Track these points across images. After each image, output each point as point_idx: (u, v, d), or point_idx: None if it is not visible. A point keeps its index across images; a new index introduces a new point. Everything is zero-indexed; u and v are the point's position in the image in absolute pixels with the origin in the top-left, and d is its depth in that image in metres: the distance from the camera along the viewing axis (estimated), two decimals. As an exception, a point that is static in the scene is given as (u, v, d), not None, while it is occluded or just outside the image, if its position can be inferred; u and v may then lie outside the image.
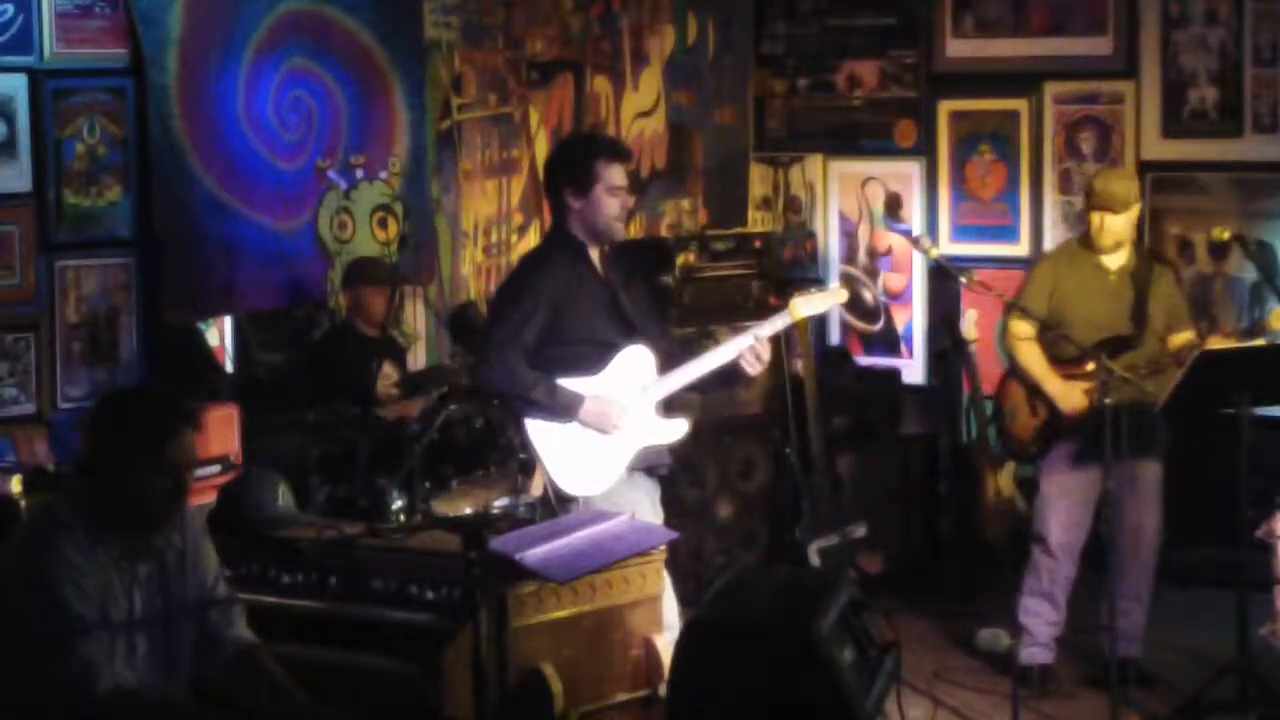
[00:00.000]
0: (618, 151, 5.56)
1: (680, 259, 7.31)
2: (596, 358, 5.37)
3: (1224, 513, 5.75)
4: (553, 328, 5.33)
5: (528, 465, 5.27)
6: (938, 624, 7.04)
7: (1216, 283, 7.71)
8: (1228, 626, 5.82)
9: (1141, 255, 6.36)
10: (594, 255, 5.47)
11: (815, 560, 6.86)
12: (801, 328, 6.71)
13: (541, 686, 4.60)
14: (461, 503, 5.14)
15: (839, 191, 8.66)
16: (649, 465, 5.49)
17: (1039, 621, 6.29)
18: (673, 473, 5.74)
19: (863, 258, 8.63)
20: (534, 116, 7.59)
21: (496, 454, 5.36)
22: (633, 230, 7.69)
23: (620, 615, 4.90)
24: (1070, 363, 6.22)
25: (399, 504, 5.09)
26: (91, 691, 3.82)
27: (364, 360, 6.28)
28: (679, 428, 5.49)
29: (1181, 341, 6.16)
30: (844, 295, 5.91)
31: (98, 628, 3.85)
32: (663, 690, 4.75)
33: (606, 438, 5.33)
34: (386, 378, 6.34)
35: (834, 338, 8.68)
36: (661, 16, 8.23)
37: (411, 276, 6.89)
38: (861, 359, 8.44)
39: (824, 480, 7.09)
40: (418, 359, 7.10)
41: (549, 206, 5.61)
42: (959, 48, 8.28)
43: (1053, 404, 6.23)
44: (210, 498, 5.15)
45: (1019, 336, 6.32)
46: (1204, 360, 5.68)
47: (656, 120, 8.24)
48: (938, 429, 7.88)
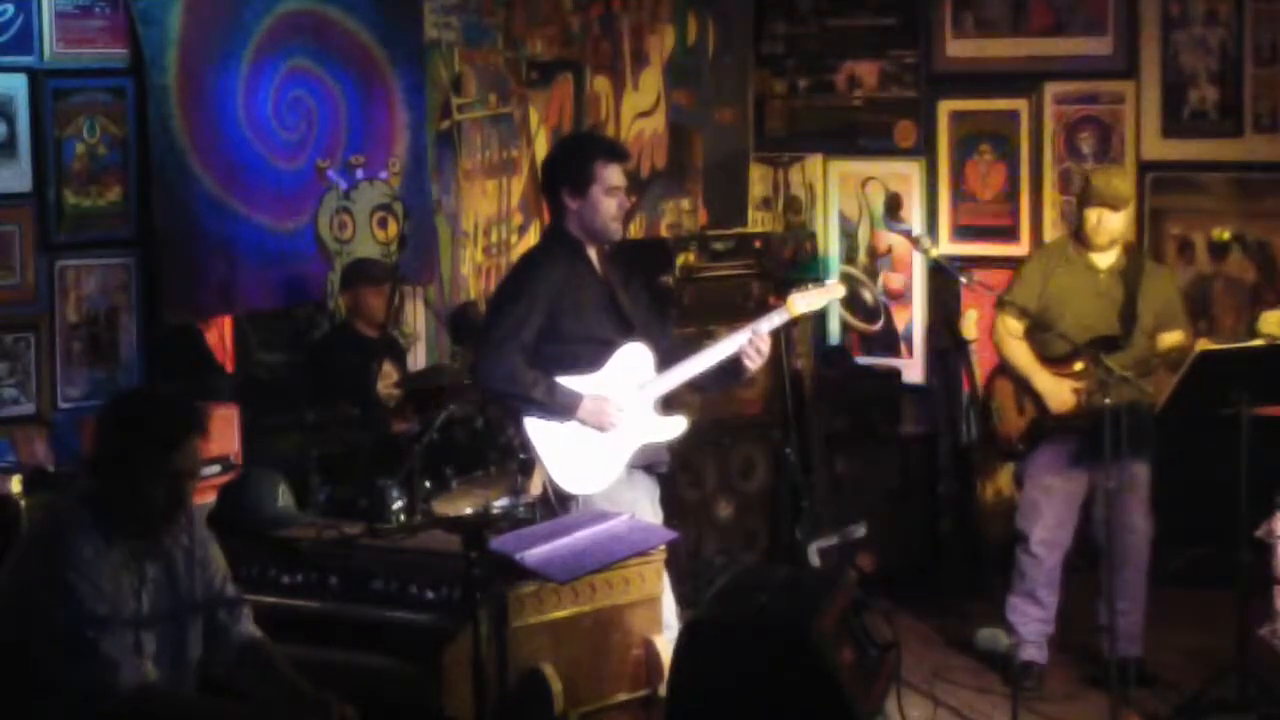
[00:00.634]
0: (616, 152, 5.56)
1: (680, 259, 7.30)
2: (595, 356, 5.37)
3: (1224, 513, 5.75)
4: (551, 326, 5.33)
5: (527, 465, 5.26)
6: (938, 624, 7.05)
7: (1216, 283, 7.70)
8: (1228, 626, 5.83)
9: (1132, 255, 6.36)
10: (592, 254, 5.47)
11: (815, 560, 6.86)
12: (801, 327, 6.71)
13: (541, 686, 4.60)
14: (461, 503, 5.14)
15: (839, 191, 8.66)
16: (648, 463, 5.49)
17: (1026, 620, 6.31)
18: (672, 472, 5.74)
19: (863, 258, 8.63)
20: (534, 116, 7.59)
21: (496, 454, 5.36)
22: (633, 230, 7.70)
23: (620, 615, 4.90)
24: (1059, 362, 6.22)
25: (399, 504, 5.09)
26: (114, 689, 3.83)
27: (364, 360, 6.28)
28: (678, 425, 5.49)
29: (1170, 343, 6.15)
30: (841, 290, 5.91)
31: (116, 626, 3.85)
32: (663, 690, 4.75)
33: (606, 436, 5.33)
34: (386, 377, 6.34)
35: (834, 337, 8.68)
36: (661, 16, 8.23)
37: (411, 276, 6.90)
38: (861, 359, 8.44)
39: (824, 480, 7.09)
40: (418, 359, 7.09)
41: (547, 205, 5.61)
42: (959, 47, 8.27)
43: (1041, 402, 6.23)
44: (210, 498, 5.15)
45: (1009, 334, 6.31)
46: (1204, 360, 5.68)
47: (656, 120, 8.24)
48: (938, 429, 7.88)
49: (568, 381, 5.31)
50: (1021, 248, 8.09)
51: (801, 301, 5.57)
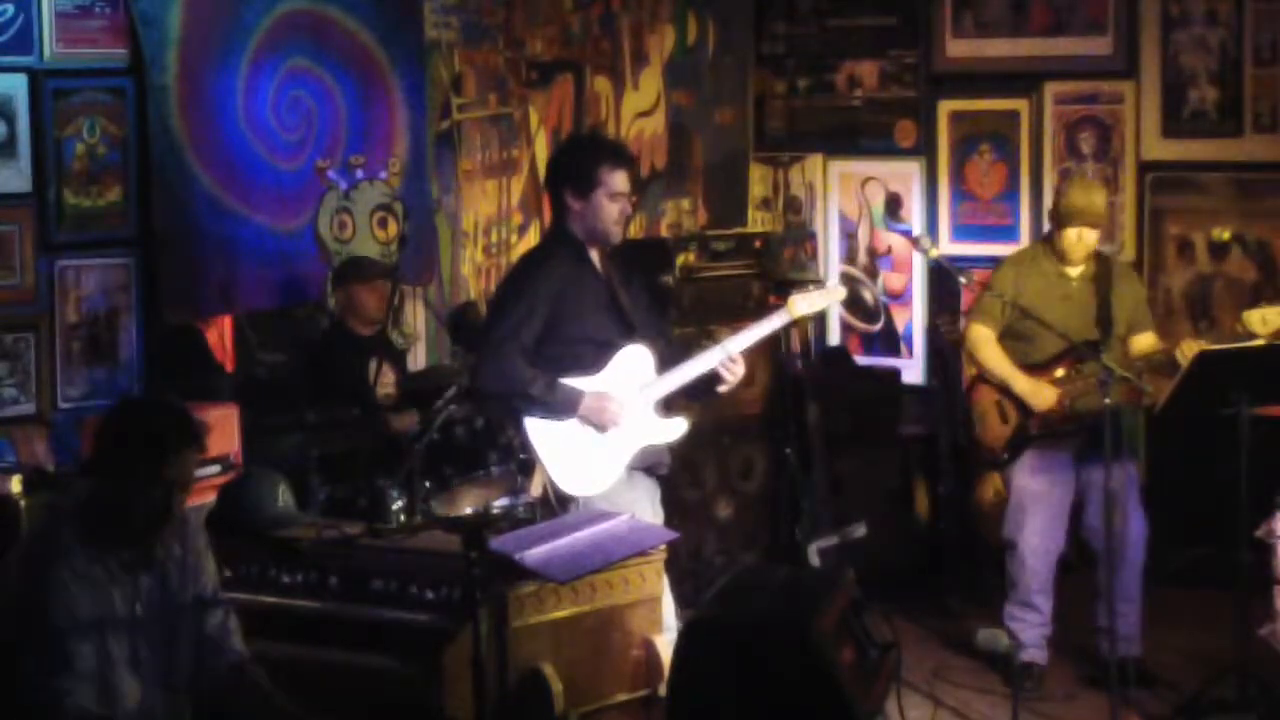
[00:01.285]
0: (622, 157, 5.55)
1: (680, 259, 7.30)
2: (595, 356, 5.37)
3: (1224, 513, 5.75)
4: (552, 326, 5.32)
5: (527, 465, 5.26)
6: (938, 624, 7.05)
7: (1216, 283, 7.70)
8: (1228, 626, 5.82)
9: (1100, 259, 6.33)
10: (594, 254, 5.47)
11: (815, 560, 6.86)
12: (801, 327, 6.71)
13: (541, 686, 4.60)
14: (461, 503, 5.14)
15: (839, 191, 8.66)
16: (648, 465, 5.49)
17: (1024, 626, 6.30)
18: (672, 472, 5.74)
19: (863, 258, 8.63)
20: (534, 116, 7.59)
21: (496, 454, 5.36)
22: (633, 230, 7.69)
23: (620, 615, 4.90)
24: (1038, 368, 6.19)
25: (399, 504, 5.09)
26: (57, 715, 3.83)
27: (359, 359, 6.28)
28: (678, 427, 5.49)
29: (1145, 346, 6.15)
30: (842, 293, 5.91)
31: (82, 652, 3.86)
32: (663, 690, 4.75)
33: (606, 437, 5.33)
34: (385, 384, 6.32)
35: (834, 337, 8.68)
36: (661, 16, 8.23)
37: (411, 276, 6.89)
38: (861, 359, 8.44)
39: (824, 480, 7.09)
40: (418, 359, 7.09)
41: (549, 204, 5.60)
42: (959, 47, 8.27)
43: (1022, 408, 6.20)
44: (210, 498, 5.15)
45: (982, 341, 6.28)
46: (1203, 360, 5.68)
47: (656, 120, 8.24)
48: (938, 429, 7.87)
49: (568, 381, 5.30)
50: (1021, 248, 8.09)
51: (803, 303, 5.56)
